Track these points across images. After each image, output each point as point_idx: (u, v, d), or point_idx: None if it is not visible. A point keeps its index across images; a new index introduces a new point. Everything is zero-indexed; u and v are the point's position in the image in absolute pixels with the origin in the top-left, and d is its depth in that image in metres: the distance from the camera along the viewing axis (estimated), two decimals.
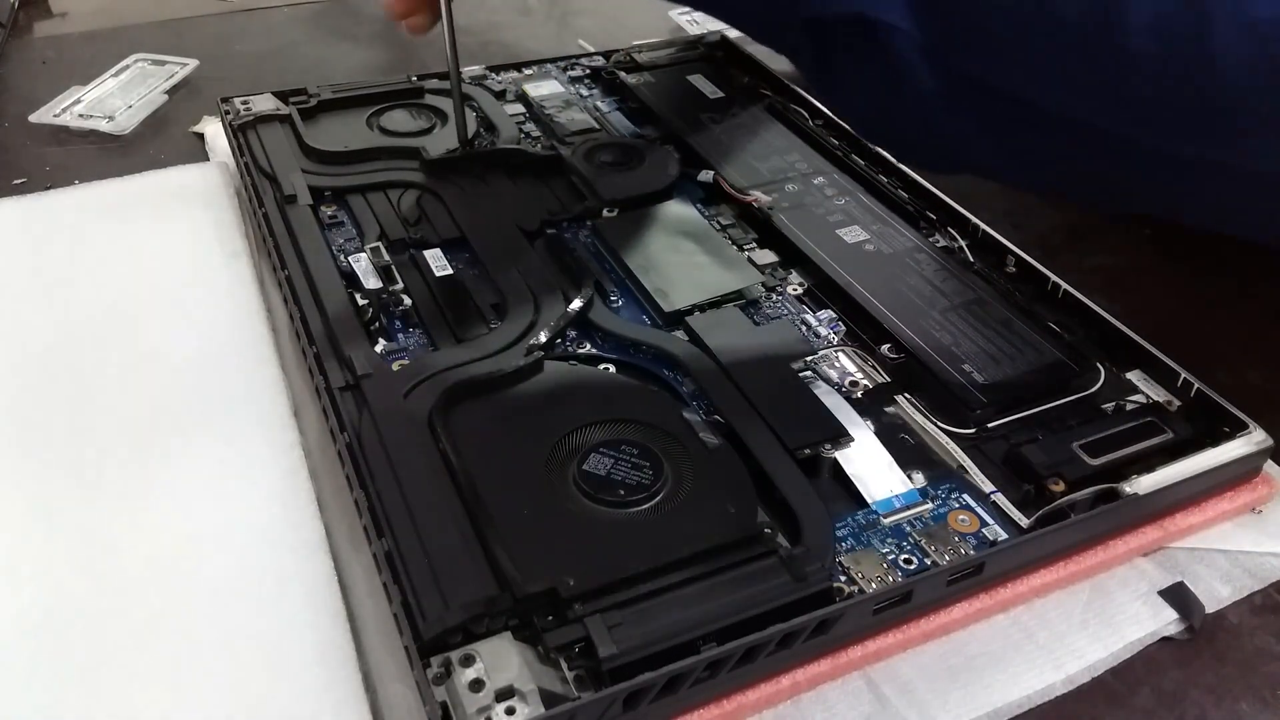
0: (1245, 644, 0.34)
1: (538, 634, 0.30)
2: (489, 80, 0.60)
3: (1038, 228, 0.54)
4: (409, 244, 0.47)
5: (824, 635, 0.31)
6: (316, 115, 0.55)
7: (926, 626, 0.33)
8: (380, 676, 0.32)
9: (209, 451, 0.38)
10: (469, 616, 0.29)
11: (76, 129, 0.59)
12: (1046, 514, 0.34)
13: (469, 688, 0.28)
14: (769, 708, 0.31)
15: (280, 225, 0.47)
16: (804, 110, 0.57)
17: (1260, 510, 0.38)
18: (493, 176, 0.51)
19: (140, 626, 0.32)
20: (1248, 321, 0.48)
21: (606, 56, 0.63)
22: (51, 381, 0.41)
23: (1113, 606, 0.34)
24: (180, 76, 0.64)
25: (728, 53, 0.64)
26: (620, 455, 0.35)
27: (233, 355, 0.42)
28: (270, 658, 0.32)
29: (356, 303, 0.42)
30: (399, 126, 0.54)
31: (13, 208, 0.51)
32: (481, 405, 0.37)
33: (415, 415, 0.36)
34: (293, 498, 0.37)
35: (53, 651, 0.32)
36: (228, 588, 0.34)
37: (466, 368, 0.39)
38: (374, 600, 0.34)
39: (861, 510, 0.35)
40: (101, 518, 0.36)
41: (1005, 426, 0.38)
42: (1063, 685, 0.32)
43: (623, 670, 0.28)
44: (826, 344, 0.42)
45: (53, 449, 0.38)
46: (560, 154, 0.52)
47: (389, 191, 0.50)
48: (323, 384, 0.38)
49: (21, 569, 0.34)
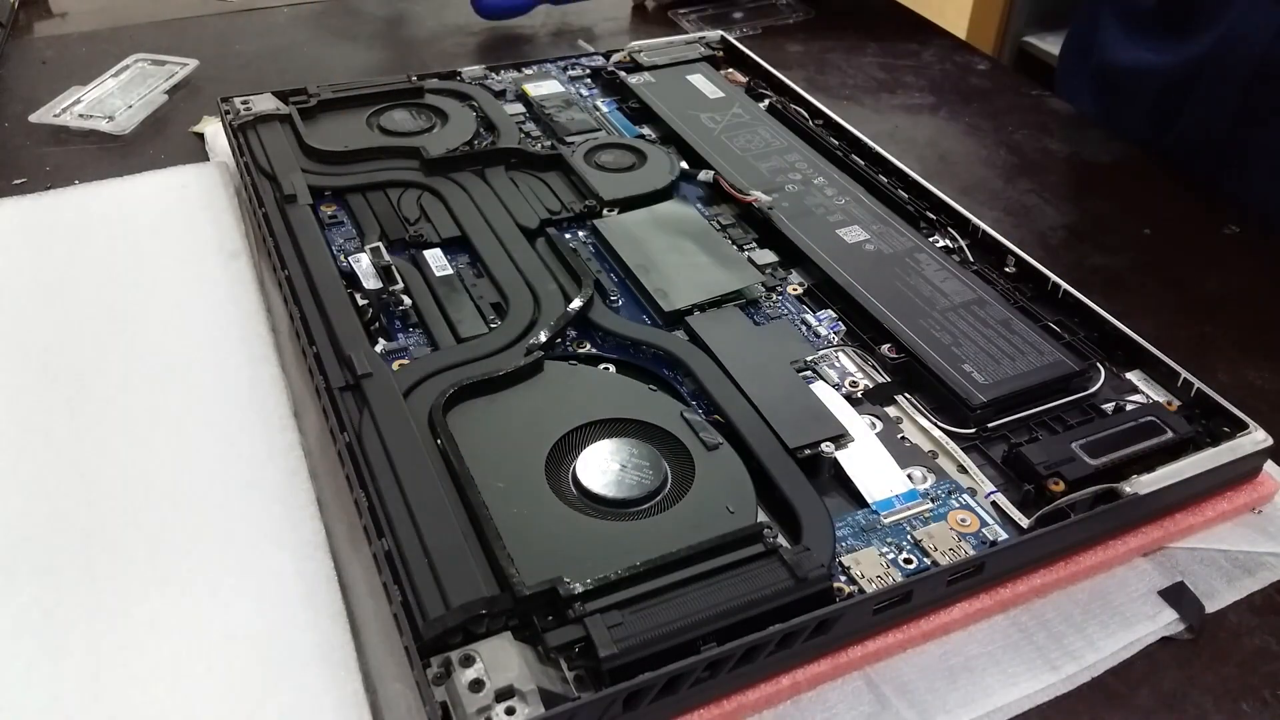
0: (1245, 644, 0.34)
1: (538, 634, 0.30)
2: (489, 80, 0.60)
3: (1037, 228, 0.54)
4: (409, 244, 0.47)
5: (824, 635, 0.31)
6: (316, 115, 0.55)
7: (926, 626, 0.33)
8: (380, 676, 0.32)
9: (209, 451, 0.38)
10: (469, 617, 0.29)
11: (76, 129, 0.59)
12: (1046, 514, 0.34)
13: (469, 688, 0.28)
14: (769, 708, 0.31)
15: (280, 225, 0.47)
16: (804, 110, 0.57)
17: (1260, 510, 0.38)
18: (493, 175, 0.51)
19: (140, 626, 0.32)
20: (1248, 321, 0.48)
21: (606, 56, 0.63)
22: (51, 381, 0.41)
23: (1112, 607, 0.34)
24: (180, 76, 0.64)
25: (728, 53, 0.64)
26: (620, 455, 0.35)
27: (233, 355, 0.43)
28: (270, 658, 0.32)
29: (356, 303, 0.42)
30: (399, 126, 0.54)
31: (13, 208, 0.51)
32: (482, 405, 0.37)
33: (415, 415, 0.36)
34: (293, 498, 0.37)
35: (53, 651, 0.32)
36: (228, 587, 0.34)
37: (467, 367, 0.39)
38: (374, 600, 0.34)
39: (861, 510, 0.35)
40: (102, 517, 0.36)
41: (1005, 426, 0.38)
42: (1062, 685, 0.32)
43: (623, 670, 0.28)
44: (826, 344, 0.42)
45: (53, 448, 0.38)
46: (560, 153, 0.52)
47: (389, 191, 0.50)
48: (323, 384, 0.38)
49: (22, 568, 0.34)
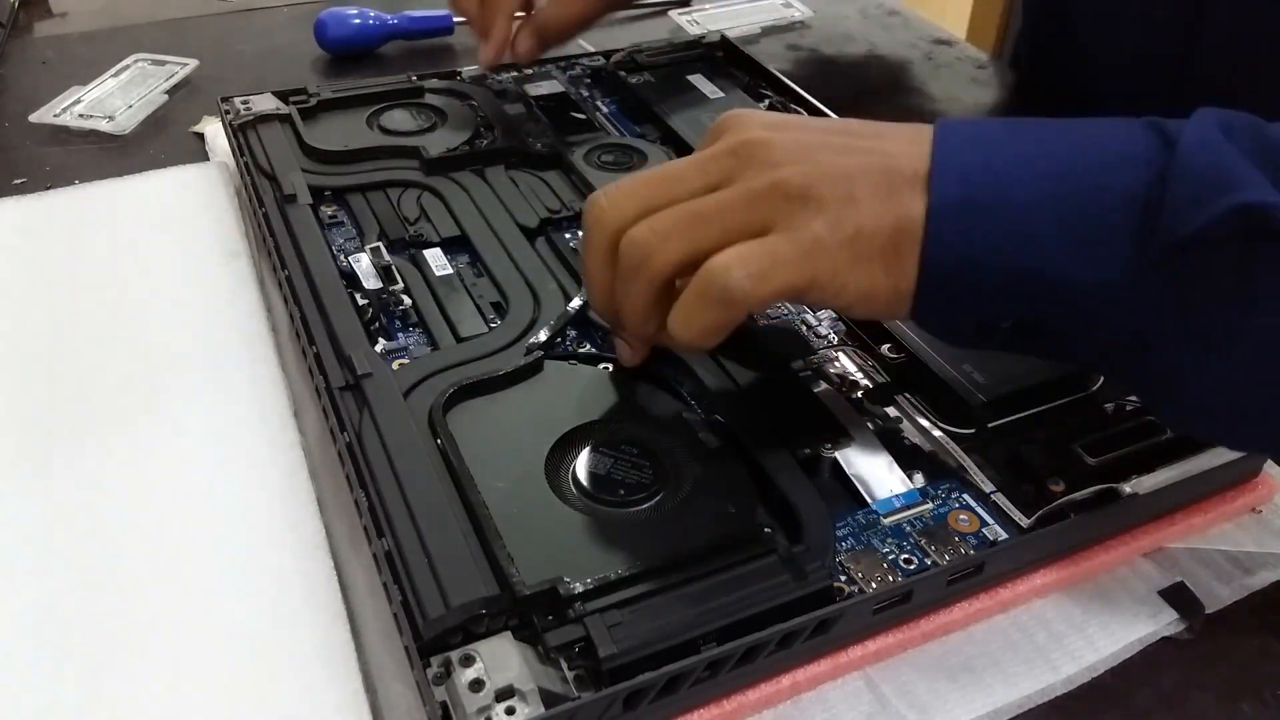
0: (1245, 644, 0.34)
1: (538, 634, 0.30)
2: (489, 81, 0.60)
3: None
4: (409, 243, 0.47)
5: (824, 635, 0.31)
6: (317, 115, 0.55)
7: (926, 626, 0.33)
8: (380, 676, 0.32)
9: (209, 451, 0.38)
10: (469, 616, 0.29)
11: (76, 129, 0.59)
12: (1046, 514, 0.34)
13: (469, 688, 0.28)
14: (769, 708, 0.31)
15: (280, 225, 0.46)
16: (804, 110, 0.57)
17: (1260, 510, 0.38)
18: (493, 175, 0.51)
19: (141, 626, 0.32)
20: None
21: (606, 56, 0.63)
22: (52, 381, 0.41)
23: (1112, 607, 0.34)
24: (180, 76, 0.64)
25: (728, 53, 0.64)
26: (620, 455, 0.35)
27: (233, 355, 0.42)
28: (270, 658, 0.32)
29: (356, 303, 0.42)
30: (399, 126, 0.54)
31: (13, 208, 0.51)
32: (482, 405, 0.37)
33: (415, 414, 0.36)
34: (293, 498, 0.37)
35: (53, 651, 0.32)
36: (228, 588, 0.34)
37: (466, 367, 0.39)
38: (374, 600, 0.34)
39: (861, 510, 0.35)
40: (101, 517, 0.36)
41: (1005, 426, 0.38)
42: (1062, 685, 0.32)
43: (623, 670, 0.29)
44: (826, 344, 0.42)
45: (53, 448, 0.38)
46: (560, 152, 0.52)
47: (389, 190, 0.50)
48: (323, 384, 0.38)
49: (22, 569, 0.34)
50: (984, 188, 0.31)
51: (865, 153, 0.32)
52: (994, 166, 0.31)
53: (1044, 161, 0.31)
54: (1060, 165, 0.31)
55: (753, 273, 0.31)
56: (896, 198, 0.31)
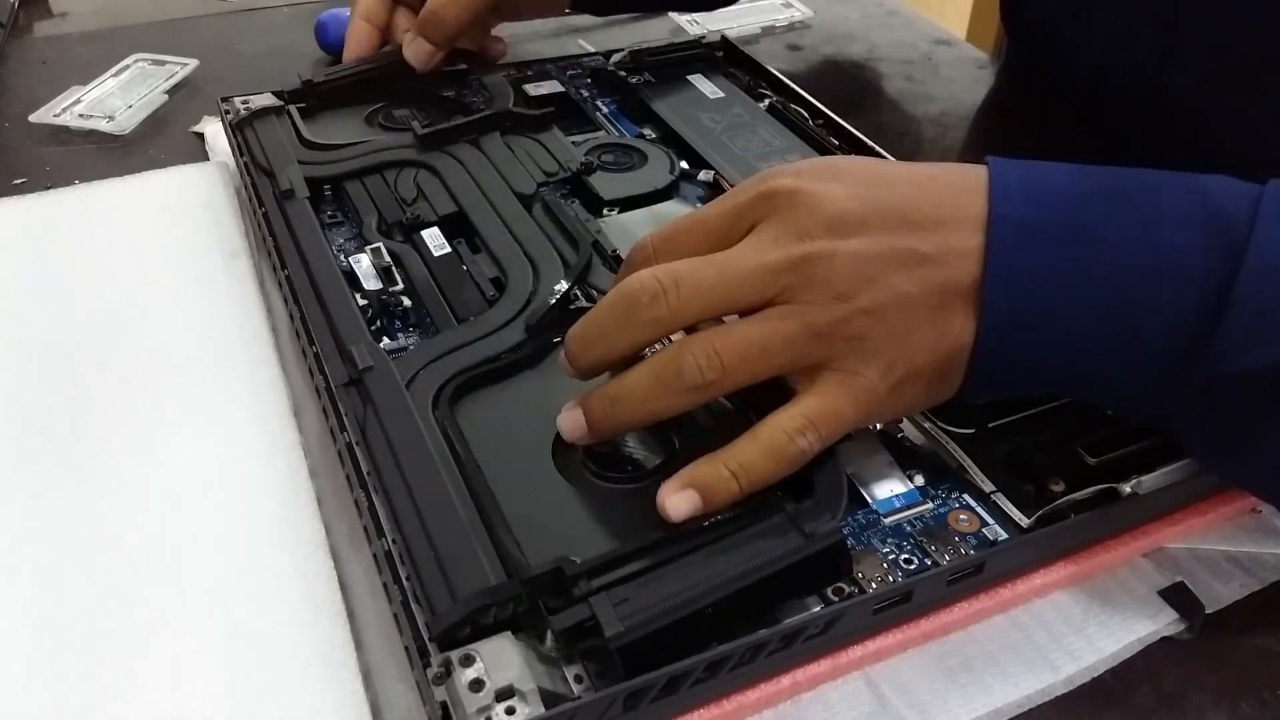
0: (1245, 644, 0.34)
1: (544, 617, 0.29)
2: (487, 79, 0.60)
3: None
4: (407, 225, 0.47)
5: (824, 635, 0.31)
6: (316, 114, 0.55)
7: (926, 626, 0.33)
8: (380, 676, 0.32)
9: (209, 451, 0.38)
10: (476, 608, 0.29)
11: (76, 129, 0.59)
12: (1046, 514, 0.34)
13: (469, 687, 0.28)
14: (769, 707, 0.31)
15: (280, 224, 0.46)
16: (804, 110, 0.57)
17: (1260, 510, 0.38)
18: (488, 143, 0.52)
19: (140, 626, 0.32)
20: None
21: (606, 56, 0.63)
22: (51, 381, 0.41)
23: (1112, 606, 0.34)
24: (180, 76, 0.64)
25: (728, 53, 0.64)
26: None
27: (233, 355, 0.42)
28: (270, 658, 0.32)
29: (357, 302, 0.42)
30: (398, 123, 0.55)
31: (13, 208, 0.51)
32: (486, 390, 0.38)
33: (418, 404, 0.36)
34: (293, 497, 0.37)
35: (53, 651, 0.32)
36: (228, 587, 0.34)
37: (467, 349, 0.39)
38: (374, 600, 0.34)
39: (861, 510, 0.35)
40: (101, 517, 0.36)
41: (1005, 426, 0.38)
42: (1062, 685, 0.32)
43: (631, 649, 0.28)
44: None
45: (52, 448, 0.38)
46: (554, 111, 0.54)
47: (385, 173, 0.50)
48: (323, 383, 0.38)
49: (21, 568, 0.34)
50: (1034, 298, 0.31)
51: (925, 262, 0.32)
52: (1044, 273, 0.31)
53: (1096, 268, 0.31)
54: (1111, 271, 0.31)
55: (822, 435, 0.32)
56: (950, 320, 0.32)
